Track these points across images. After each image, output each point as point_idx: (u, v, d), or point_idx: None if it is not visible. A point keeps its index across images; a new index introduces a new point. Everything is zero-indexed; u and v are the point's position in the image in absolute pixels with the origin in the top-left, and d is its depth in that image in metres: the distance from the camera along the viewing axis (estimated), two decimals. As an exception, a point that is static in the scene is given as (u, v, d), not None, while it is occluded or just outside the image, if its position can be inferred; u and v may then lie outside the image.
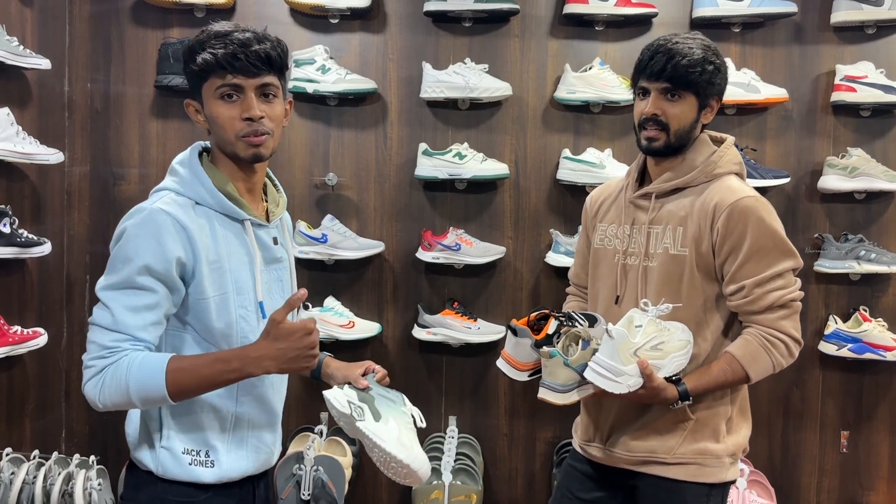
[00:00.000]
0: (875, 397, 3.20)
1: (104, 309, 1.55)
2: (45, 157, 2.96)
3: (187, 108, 1.68)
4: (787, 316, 1.93)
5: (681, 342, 1.92)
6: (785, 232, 1.98)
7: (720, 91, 2.01)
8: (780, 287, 1.92)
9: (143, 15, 3.26)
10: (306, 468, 2.90)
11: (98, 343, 1.54)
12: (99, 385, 1.52)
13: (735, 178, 2.01)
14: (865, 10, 3.02)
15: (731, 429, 2.01)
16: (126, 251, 1.54)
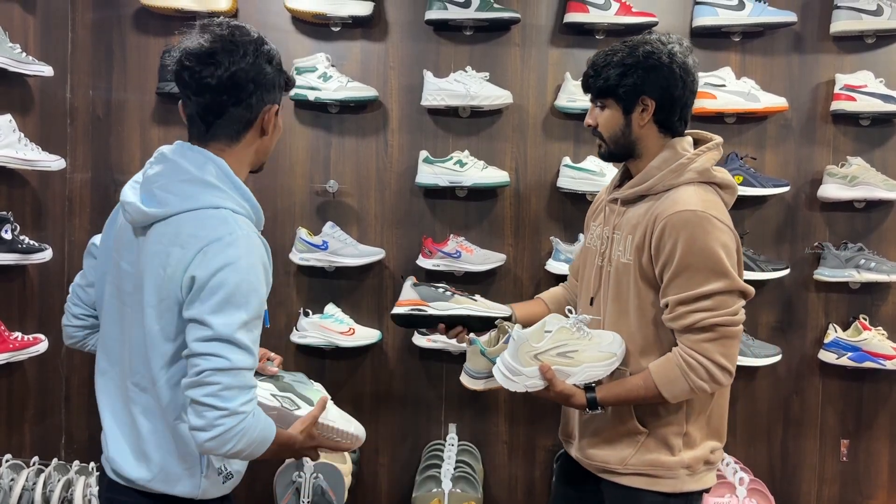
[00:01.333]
0: (875, 406, 3.20)
1: (242, 350, 1.49)
2: (47, 163, 2.97)
3: (273, 113, 1.67)
4: (711, 339, 1.80)
5: (602, 353, 1.90)
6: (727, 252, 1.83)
7: (646, 90, 1.89)
8: (706, 309, 1.79)
9: (146, 22, 3.27)
10: (306, 475, 2.90)
11: (245, 386, 1.49)
12: (244, 434, 1.49)
13: (690, 188, 1.87)
14: (865, 19, 3.03)
15: (688, 443, 1.93)
16: (250, 282, 1.51)
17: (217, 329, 1.47)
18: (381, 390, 3.30)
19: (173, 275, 1.53)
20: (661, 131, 1.93)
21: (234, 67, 1.56)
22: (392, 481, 3.33)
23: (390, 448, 3.32)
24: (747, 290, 1.84)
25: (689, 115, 1.97)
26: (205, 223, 1.54)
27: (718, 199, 1.89)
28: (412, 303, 2.31)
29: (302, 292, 3.28)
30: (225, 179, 1.59)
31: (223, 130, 1.63)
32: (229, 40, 1.58)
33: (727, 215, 1.87)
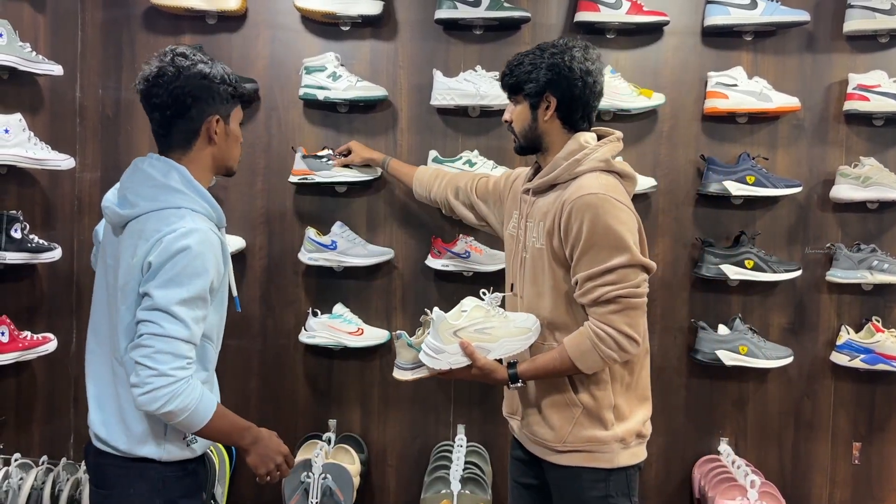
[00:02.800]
0: (888, 408, 3.17)
1: (179, 322, 1.75)
2: (57, 162, 2.97)
3: (214, 122, 1.92)
4: (617, 311, 1.97)
5: (518, 329, 2.10)
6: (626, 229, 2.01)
7: (548, 88, 2.09)
8: (610, 282, 1.96)
9: (155, 21, 3.27)
10: (314, 476, 2.90)
11: (178, 354, 1.74)
12: (174, 396, 1.73)
13: (592, 176, 2.04)
14: (878, 18, 3.01)
15: (619, 416, 2.08)
16: (195, 267, 1.77)
17: (157, 300, 1.74)
18: (390, 391, 3.29)
19: (137, 263, 1.80)
20: (565, 127, 2.12)
21: (172, 86, 1.86)
22: (400, 482, 3.32)
23: (399, 449, 3.31)
24: (648, 264, 2.02)
25: (594, 113, 2.16)
26: (166, 219, 1.81)
27: (619, 184, 2.07)
28: (303, 172, 3.05)
29: (311, 292, 3.27)
30: (187, 184, 1.88)
31: (176, 141, 1.92)
32: (169, 65, 1.88)
33: (628, 199, 2.06)
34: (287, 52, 3.25)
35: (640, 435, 2.13)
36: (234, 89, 1.95)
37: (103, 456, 1.91)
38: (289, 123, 3.26)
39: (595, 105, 2.15)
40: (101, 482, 1.93)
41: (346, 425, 3.31)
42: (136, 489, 1.87)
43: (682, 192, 3.17)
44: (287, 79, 3.24)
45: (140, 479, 1.87)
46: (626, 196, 2.07)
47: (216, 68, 1.92)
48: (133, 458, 1.87)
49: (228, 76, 1.94)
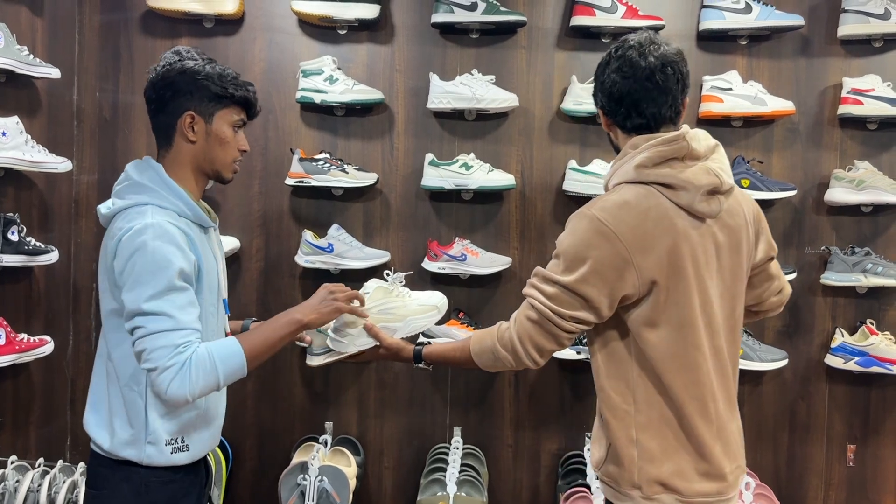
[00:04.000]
0: (882, 411, 3.18)
1: (157, 317, 1.72)
2: (54, 165, 2.97)
3: (188, 117, 1.88)
4: (532, 321, 1.83)
5: (422, 307, 2.13)
6: None
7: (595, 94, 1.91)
8: (542, 292, 1.81)
9: (153, 25, 3.28)
10: (310, 478, 2.90)
11: (167, 345, 1.71)
12: (187, 380, 1.71)
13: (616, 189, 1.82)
14: (872, 23, 3.03)
15: (644, 456, 1.80)
16: (155, 261, 1.74)
17: (129, 305, 1.74)
18: (386, 393, 3.30)
19: (109, 265, 1.81)
20: (623, 132, 1.88)
21: (156, 80, 1.89)
22: (397, 484, 3.32)
23: (395, 451, 3.32)
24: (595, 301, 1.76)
25: (658, 109, 1.82)
26: (127, 216, 1.81)
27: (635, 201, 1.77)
28: (299, 175, 3.09)
29: (307, 295, 3.25)
30: (158, 181, 1.86)
31: (159, 137, 1.93)
32: (160, 62, 1.90)
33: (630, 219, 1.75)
34: (284, 55, 3.26)
35: (667, 487, 1.78)
36: (224, 89, 1.89)
37: (93, 455, 1.92)
38: (286, 126, 3.27)
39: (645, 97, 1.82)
40: (91, 481, 1.93)
41: (343, 427, 3.31)
42: (118, 490, 1.86)
43: (677, 196, 3.18)
44: (284, 82, 3.25)
45: (125, 481, 1.86)
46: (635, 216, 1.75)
47: (209, 67, 1.89)
48: (118, 460, 1.86)
49: (222, 76, 1.90)
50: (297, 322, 1.90)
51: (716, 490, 1.80)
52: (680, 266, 1.76)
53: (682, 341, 1.78)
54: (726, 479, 1.81)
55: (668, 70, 1.81)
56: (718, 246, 1.82)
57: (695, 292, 1.78)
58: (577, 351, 3.05)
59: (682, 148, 1.78)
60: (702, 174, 1.78)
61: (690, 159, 1.79)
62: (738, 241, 1.87)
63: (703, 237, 1.79)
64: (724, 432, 1.82)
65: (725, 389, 1.85)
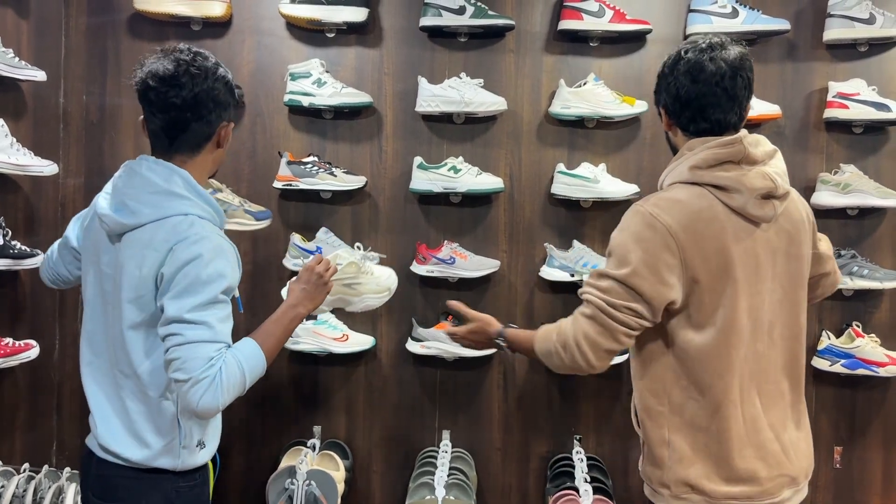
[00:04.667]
0: (868, 413, 3.20)
1: (198, 326, 1.71)
2: (40, 168, 2.95)
3: (229, 128, 1.90)
4: (586, 316, 1.81)
5: (380, 287, 2.26)
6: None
7: (657, 96, 1.92)
8: (596, 287, 1.80)
9: (140, 27, 3.27)
10: (298, 482, 2.89)
11: (203, 356, 1.69)
12: (219, 391, 1.69)
13: (671, 188, 1.85)
14: (857, 27, 3.05)
15: (676, 457, 1.83)
16: (208, 273, 1.73)
17: (170, 312, 1.71)
18: (375, 397, 3.29)
19: (148, 274, 1.76)
20: (685, 133, 1.89)
21: (197, 89, 1.80)
22: (385, 488, 3.31)
23: (383, 455, 3.31)
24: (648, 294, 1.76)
25: (722, 114, 1.84)
26: (174, 228, 1.77)
27: (689, 200, 1.79)
28: (287, 178, 3.08)
29: (295, 298, 3.27)
30: (190, 189, 1.82)
31: (186, 144, 1.85)
32: (192, 65, 1.81)
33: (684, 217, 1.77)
34: (272, 58, 3.25)
35: (694, 488, 1.81)
36: (237, 95, 1.94)
37: (111, 467, 1.85)
38: (274, 129, 3.26)
39: (712, 102, 1.83)
40: (110, 495, 1.86)
41: (331, 431, 3.30)
42: (148, 500, 1.83)
43: (665, 199, 3.19)
44: (272, 85, 3.25)
45: (153, 490, 1.83)
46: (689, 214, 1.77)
47: (229, 73, 1.90)
48: (146, 470, 1.83)
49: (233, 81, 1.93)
50: (301, 317, 2.00)
51: (745, 494, 1.80)
52: (728, 269, 1.77)
53: (722, 345, 1.79)
54: (760, 483, 1.81)
55: (737, 77, 1.83)
56: (774, 251, 1.84)
57: (742, 296, 1.79)
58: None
59: (738, 151, 1.79)
60: (756, 178, 1.79)
61: (747, 163, 1.80)
62: (797, 245, 1.88)
63: (756, 242, 1.80)
64: (760, 437, 1.82)
65: (768, 397, 1.84)
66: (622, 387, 3.23)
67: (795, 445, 1.88)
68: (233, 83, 1.90)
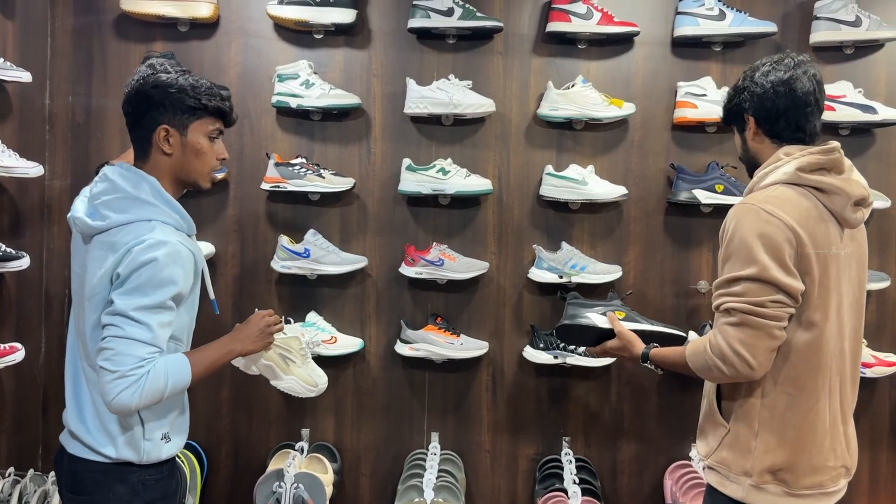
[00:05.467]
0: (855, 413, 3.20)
1: (140, 325, 1.77)
2: (25, 170, 2.93)
3: (162, 132, 1.89)
4: (732, 324, 1.86)
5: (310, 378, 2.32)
6: None
7: (742, 107, 2.03)
8: (732, 294, 1.87)
9: (126, 28, 3.26)
10: (286, 486, 2.88)
11: (135, 355, 1.75)
12: (138, 392, 1.74)
13: (771, 188, 1.93)
14: (844, 30, 3.06)
15: (763, 448, 1.93)
16: (161, 278, 1.79)
17: (118, 305, 1.77)
18: (364, 399, 3.28)
19: (105, 274, 1.82)
20: (774, 142, 2.01)
21: (130, 93, 1.91)
22: (374, 491, 3.31)
23: (372, 457, 3.30)
24: (784, 284, 1.83)
25: (808, 122, 1.99)
26: (135, 231, 1.83)
27: (797, 199, 1.90)
28: (275, 180, 3.09)
29: (283, 300, 3.26)
30: (157, 195, 1.88)
31: (137, 149, 1.94)
32: (136, 73, 1.92)
33: (796, 213, 1.87)
34: (260, 59, 3.24)
35: (779, 479, 1.92)
36: (198, 101, 1.89)
37: (79, 462, 1.91)
38: (261, 131, 3.25)
39: (805, 113, 1.98)
40: (78, 488, 1.92)
41: (320, 434, 3.29)
42: (115, 493, 1.88)
43: (652, 201, 3.20)
44: (260, 86, 3.24)
45: (120, 482, 1.89)
46: (799, 211, 1.88)
47: (182, 79, 1.89)
48: (112, 462, 1.89)
49: (195, 88, 1.90)
50: (235, 354, 2.03)
51: (818, 483, 1.93)
52: (828, 268, 1.90)
53: (822, 342, 1.91)
54: (829, 473, 1.95)
55: (821, 92, 2.01)
56: (850, 256, 1.97)
57: (834, 295, 1.92)
58: (555, 356, 3.05)
59: (836, 160, 1.94)
60: (855, 185, 1.94)
61: (837, 172, 1.95)
62: (863, 254, 2.03)
63: (844, 245, 1.94)
64: (835, 430, 1.96)
65: (843, 394, 1.98)
66: (610, 388, 3.24)
67: (851, 439, 2.03)
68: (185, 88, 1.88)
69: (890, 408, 3.22)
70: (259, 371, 2.24)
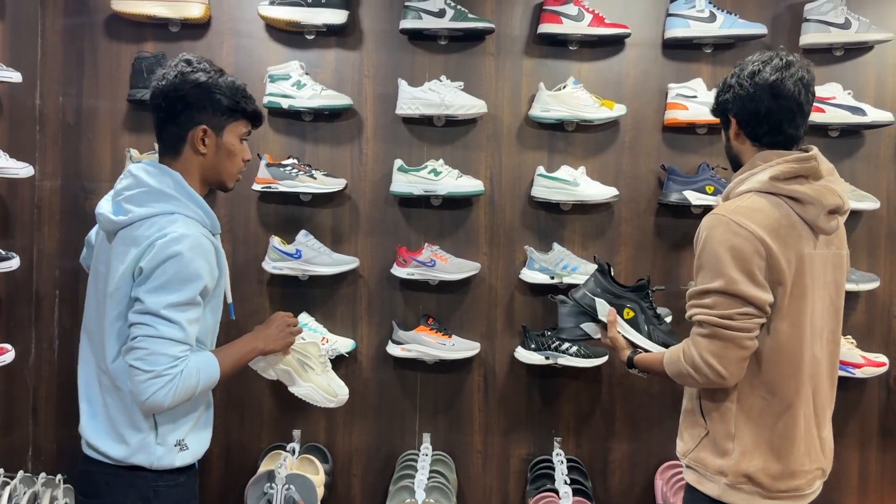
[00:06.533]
0: (844, 414, 3.23)
1: (172, 324, 1.77)
2: (15, 170, 2.92)
3: (200, 131, 1.90)
4: (703, 335, 1.90)
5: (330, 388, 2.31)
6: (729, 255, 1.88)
7: (726, 106, 2.03)
8: (703, 306, 1.91)
9: (117, 29, 3.25)
10: (278, 487, 2.87)
11: (169, 354, 1.76)
12: (172, 391, 1.76)
13: (745, 196, 1.93)
14: (833, 32, 3.08)
15: (737, 450, 1.95)
16: (188, 272, 1.78)
17: (148, 304, 1.76)
18: (355, 400, 3.28)
19: (128, 268, 1.81)
20: (755, 144, 2.01)
21: (167, 88, 1.89)
22: (365, 491, 3.30)
23: (364, 458, 3.30)
24: (752, 296, 1.86)
25: (792, 127, 1.97)
26: (157, 224, 1.82)
27: (768, 208, 1.90)
28: (266, 181, 3.07)
29: (275, 301, 3.26)
30: (180, 190, 1.87)
31: (166, 146, 1.94)
32: (172, 69, 1.91)
33: (767, 223, 1.87)
34: (251, 60, 3.24)
35: (755, 482, 1.94)
36: (236, 104, 1.93)
37: (93, 463, 1.91)
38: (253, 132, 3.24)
39: (788, 118, 1.96)
40: (90, 491, 1.92)
41: (311, 435, 3.29)
42: (126, 498, 1.87)
43: (643, 202, 3.21)
44: (251, 87, 3.15)
45: (131, 487, 1.88)
46: (770, 221, 1.88)
47: (221, 80, 1.92)
48: (124, 466, 1.88)
49: (234, 90, 1.94)
50: (258, 352, 2.06)
51: (793, 486, 1.96)
52: (801, 275, 1.91)
53: (795, 347, 1.93)
54: (804, 476, 1.97)
55: (809, 95, 1.98)
56: (825, 261, 1.98)
57: (808, 302, 1.93)
58: (546, 356, 3.06)
59: (813, 167, 1.93)
60: (828, 193, 1.93)
61: (814, 179, 1.94)
62: (841, 259, 2.04)
63: (817, 251, 1.95)
64: (809, 435, 1.98)
65: (817, 398, 1.99)
66: (601, 389, 3.25)
67: (826, 441, 2.05)
68: (223, 89, 1.92)
69: (879, 408, 3.24)
70: (277, 376, 2.22)
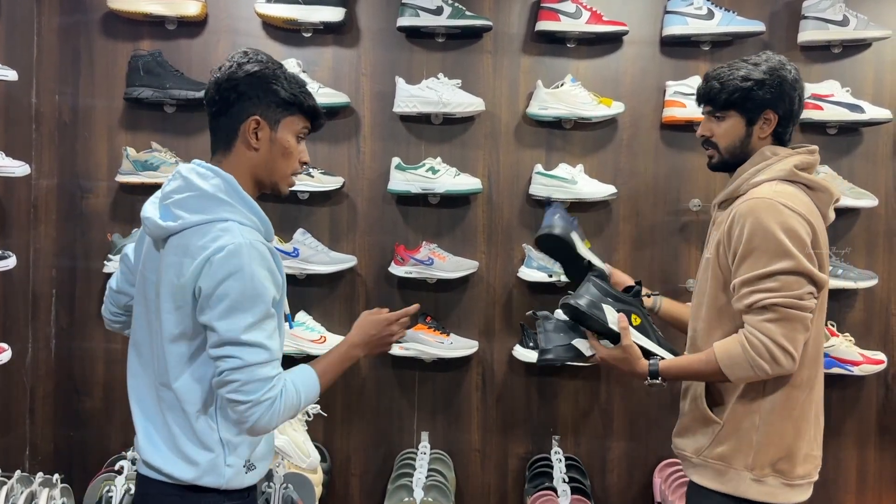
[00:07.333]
0: (842, 412, 3.23)
1: (254, 348, 1.65)
2: (11, 169, 2.91)
3: (253, 122, 1.75)
4: (772, 320, 1.83)
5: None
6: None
7: (769, 103, 1.98)
8: (768, 289, 1.84)
9: (113, 27, 3.24)
10: (275, 486, 2.86)
11: (261, 379, 1.66)
12: (277, 414, 1.68)
13: (770, 184, 1.93)
14: (831, 29, 3.08)
15: (761, 441, 1.93)
16: (253, 288, 1.66)
17: (223, 334, 1.64)
18: (353, 399, 3.28)
19: (185, 283, 1.68)
20: (775, 142, 2.03)
21: (221, 79, 1.76)
22: (364, 491, 3.30)
23: (362, 457, 3.29)
24: (816, 275, 1.86)
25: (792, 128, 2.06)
26: (210, 234, 1.68)
27: (799, 194, 1.92)
28: None
29: (272, 300, 3.25)
30: (233, 194, 1.73)
31: (218, 140, 1.79)
32: (227, 61, 1.79)
33: (805, 207, 1.90)
34: (248, 58, 3.23)
35: (777, 471, 1.93)
36: (293, 96, 1.78)
37: (154, 485, 1.79)
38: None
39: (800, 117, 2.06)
40: None
41: (309, 434, 3.28)
42: None
43: (641, 199, 3.21)
44: (248, 85, 3.22)
45: None
46: (804, 205, 1.90)
47: (279, 71, 1.79)
48: (190, 488, 1.76)
49: (291, 81, 1.79)
50: (357, 358, 1.95)
51: (808, 472, 1.98)
52: (823, 267, 1.93)
53: (818, 330, 1.96)
54: (815, 461, 2.00)
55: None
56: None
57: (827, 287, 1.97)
58: (544, 355, 3.05)
59: (816, 160, 2.03)
60: (833, 184, 2.01)
61: (812, 171, 2.02)
62: None
63: None
64: (818, 421, 2.02)
65: (821, 383, 2.04)
66: (600, 387, 3.24)
67: (822, 428, 2.07)
68: (281, 81, 1.77)
69: (877, 406, 3.23)
70: None
